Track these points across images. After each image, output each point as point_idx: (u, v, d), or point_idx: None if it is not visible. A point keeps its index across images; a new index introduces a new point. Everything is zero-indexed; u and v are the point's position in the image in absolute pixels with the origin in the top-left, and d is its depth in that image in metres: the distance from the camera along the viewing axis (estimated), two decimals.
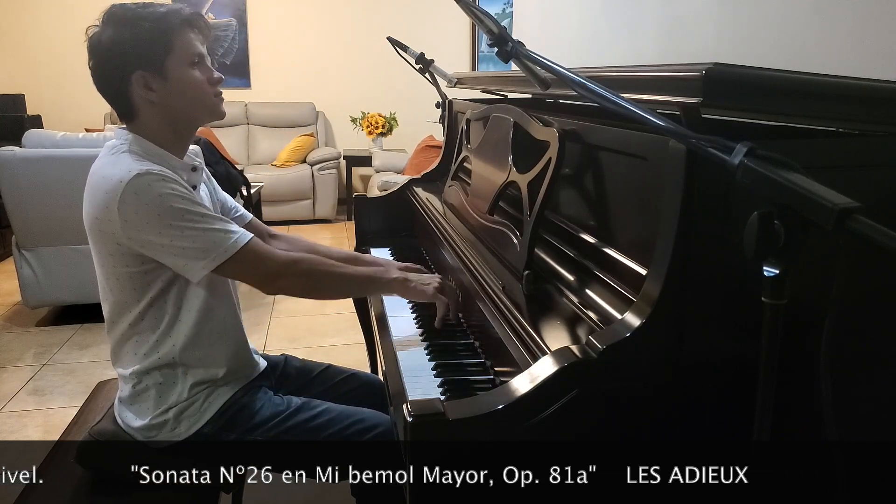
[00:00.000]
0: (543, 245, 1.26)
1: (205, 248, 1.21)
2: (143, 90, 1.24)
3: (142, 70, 1.23)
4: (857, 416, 0.88)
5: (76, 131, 3.54)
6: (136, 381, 1.30)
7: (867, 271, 0.73)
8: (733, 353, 0.86)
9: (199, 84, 1.27)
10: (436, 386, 1.16)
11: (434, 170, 2.32)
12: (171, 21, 1.24)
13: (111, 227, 1.20)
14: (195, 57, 1.27)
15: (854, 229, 0.51)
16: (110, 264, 1.25)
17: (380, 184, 4.63)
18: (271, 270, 1.28)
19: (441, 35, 6.15)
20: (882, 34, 1.39)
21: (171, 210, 1.18)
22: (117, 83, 1.25)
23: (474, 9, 1.03)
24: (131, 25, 1.23)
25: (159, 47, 1.23)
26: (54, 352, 3.21)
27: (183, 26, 1.26)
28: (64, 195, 3.24)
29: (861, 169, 0.93)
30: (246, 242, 1.24)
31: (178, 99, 1.26)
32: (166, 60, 1.24)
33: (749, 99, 0.85)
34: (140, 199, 1.17)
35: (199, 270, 1.22)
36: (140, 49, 1.22)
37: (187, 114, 1.29)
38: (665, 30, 2.25)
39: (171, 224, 1.18)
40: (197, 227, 1.20)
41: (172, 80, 1.25)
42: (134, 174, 1.17)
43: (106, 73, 1.25)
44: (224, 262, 1.22)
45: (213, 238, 1.21)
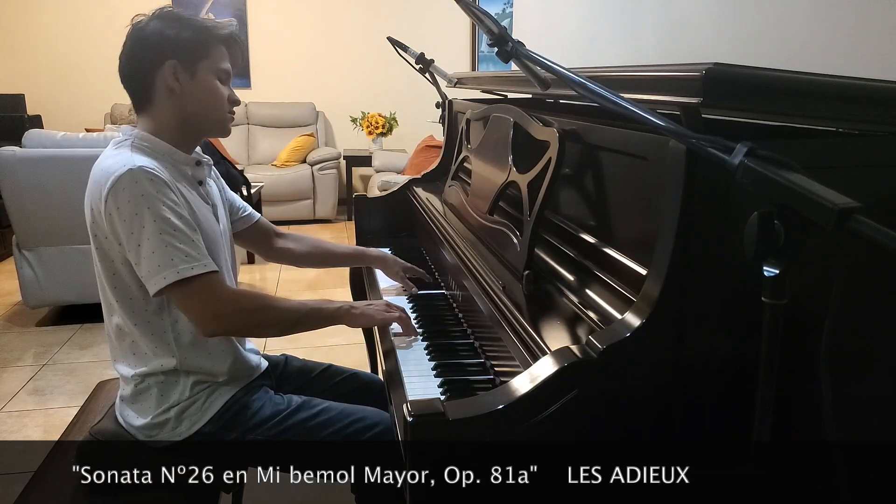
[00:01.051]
0: (543, 245, 1.26)
1: (160, 263, 1.17)
2: (171, 78, 1.27)
3: (176, 60, 1.26)
4: (857, 416, 0.88)
5: (76, 131, 3.54)
6: (138, 381, 1.30)
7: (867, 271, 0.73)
8: (733, 353, 0.86)
9: (220, 96, 1.32)
10: (436, 386, 1.16)
11: (434, 170, 2.32)
12: (214, 32, 1.31)
13: (100, 217, 1.20)
14: (223, 73, 1.33)
15: (854, 229, 0.51)
16: (109, 259, 1.25)
17: (380, 184, 4.63)
18: (216, 308, 1.22)
19: (441, 35, 6.15)
20: (882, 34, 1.39)
21: (148, 213, 1.17)
22: (148, 66, 1.27)
23: (474, 9, 1.03)
24: (178, 23, 1.28)
25: (198, 49, 1.28)
26: (54, 352, 3.21)
27: (223, 41, 1.33)
28: (64, 195, 3.24)
29: (861, 169, 0.93)
30: (204, 273, 1.19)
31: (197, 101, 1.30)
32: (200, 63, 1.29)
33: (749, 99, 0.85)
34: (124, 194, 1.17)
35: (153, 285, 1.18)
36: (180, 44, 1.27)
37: (199, 118, 1.32)
38: (665, 30, 2.25)
39: (144, 227, 1.17)
40: (162, 237, 1.17)
41: (198, 82, 1.29)
42: (127, 168, 1.18)
43: (139, 55, 1.28)
44: (174, 282, 1.17)
45: (171, 255, 1.17)
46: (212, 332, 1.26)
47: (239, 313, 1.26)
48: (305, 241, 1.69)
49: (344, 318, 1.35)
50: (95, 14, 6.15)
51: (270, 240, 1.67)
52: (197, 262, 1.19)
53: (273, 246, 1.67)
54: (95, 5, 6.14)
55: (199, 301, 1.21)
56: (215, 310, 1.22)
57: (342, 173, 6.38)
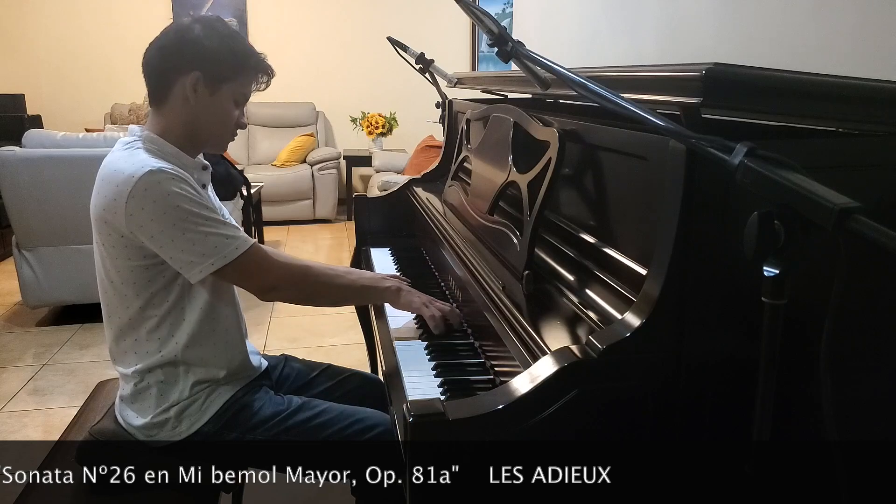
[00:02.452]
0: (543, 245, 1.26)
1: (204, 252, 1.21)
2: (190, 88, 1.27)
3: (201, 73, 1.27)
4: (857, 416, 0.88)
5: (76, 131, 3.54)
6: (137, 380, 1.30)
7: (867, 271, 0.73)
8: (733, 353, 0.86)
9: (230, 119, 1.34)
10: (436, 386, 1.16)
11: (434, 170, 2.32)
12: (251, 60, 1.33)
13: (116, 218, 1.21)
14: (243, 98, 1.35)
15: (854, 229, 0.51)
16: (113, 256, 1.25)
17: (380, 184, 4.63)
18: (269, 279, 1.30)
19: (441, 35, 6.15)
20: (882, 34, 1.39)
21: (178, 210, 1.19)
22: (172, 68, 1.28)
23: (474, 9, 1.03)
24: (220, 38, 1.29)
25: (228, 71, 1.30)
26: (54, 352, 3.21)
27: (255, 71, 1.35)
28: (64, 195, 3.24)
29: (861, 169, 0.93)
30: (247, 249, 1.25)
31: (207, 116, 1.31)
32: (224, 83, 1.30)
33: (749, 99, 0.85)
34: (148, 196, 1.18)
35: (198, 273, 1.23)
36: (212, 59, 1.28)
37: (203, 131, 1.33)
38: (665, 30, 2.25)
39: (176, 224, 1.19)
40: (200, 229, 1.21)
41: (214, 101, 1.30)
42: (147, 170, 1.19)
43: (169, 54, 1.28)
44: (222, 266, 1.23)
45: (214, 242, 1.22)
46: (272, 299, 1.34)
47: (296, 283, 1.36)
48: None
49: (389, 298, 1.44)
50: (95, 14, 6.15)
51: None
52: (238, 241, 1.25)
53: None
54: (95, 5, 6.15)
55: (252, 274, 1.28)
56: (273, 279, 1.31)
57: (342, 173, 6.38)
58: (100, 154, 1.31)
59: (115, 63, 6.20)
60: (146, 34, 1.36)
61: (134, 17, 6.18)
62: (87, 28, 6.15)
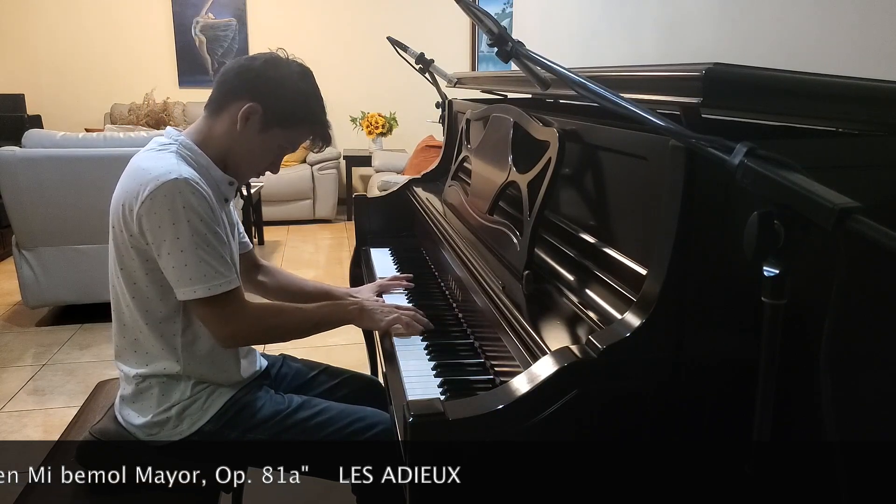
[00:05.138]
0: (543, 245, 1.26)
1: (192, 277, 1.20)
2: (243, 115, 1.28)
3: (261, 107, 1.28)
4: (857, 416, 0.88)
5: (76, 131, 3.53)
6: (139, 381, 1.30)
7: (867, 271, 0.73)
8: (733, 353, 0.86)
9: (264, 160, 1.36)
10: (436, 386, 1.16)
11: (434, 170, 2.32)
12: (316, 123, 1.36)
13: (130, 216, 1.21)
14: (290, 148, 1.36)
15: (854, 229, 0.51)
16: (121, 254, 1.26)
17: (380, 184, 4.63)
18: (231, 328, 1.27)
19: (441, 35, 6.15)
20: (882, 34, 1.39)
21: (186, 226, 1.19)
22: (241, 90, 1.29)
23: (474, 9, 1.03)
24: (298, 89, 1.31)
25: (288, 118, 1.31)
26: (54, 352, 3.20)
27: (311, 130, 1.36)
28: (64, 195, 3.24)
29: (861, 169, 0.93)
30: (230, 289, 1.24)
31: (245, 149, 1.32)
32: (276, 128, 1.31)
33: (749, 99, 0.85)
34: (165, 202, 1.18)
35: (182, 294, 1.22)
36: (282, 103, 1.29)
37: (235, 160, 1.34)
38: (665, 30, 2.25)
39: (178, 238, 1.19)
40: (197, 252, 1.20)
41: (260, 138, 1.31)
42: (173, 177, 1.19)
43: (246, 76, 1.30)
44: (204, 297, 1.21)
45: (204, 271, 1.21)
46: (231, 346, 1.32)
47: (258, 329, 1.33)
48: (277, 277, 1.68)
49: (353, 320, 1.42)
50: (95, 14, 6.15)
51: (250, 272, 1.64)
52: (225, 279, 1.23)
53: (252, 279, 1.65)
54: (95, 5, 6.14)
55: (223, 317, 1.25)
56: (237, 326, 1.27)
57: (342, 173, 6.38)
58: (100, 154, 1.32)
59: (115, 63, 6.20)
60: (146, 34, 1.37)
61: (134, 17, 6.18)
62: (87, 28, 6.15)
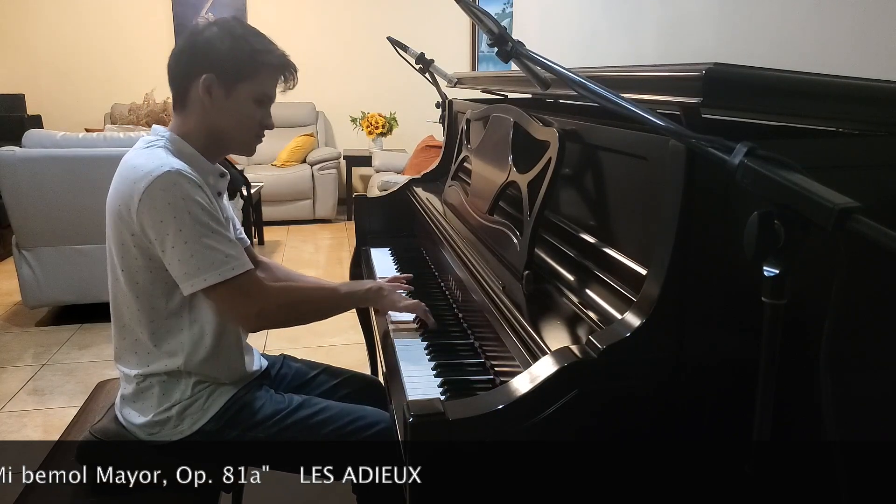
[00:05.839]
0: (543, 245, 1.26)
1: (200, 266, 1.19)
2: (203, 92, 1.26)
3: (213, 75, 1.25)
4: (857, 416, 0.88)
5: (76, 131, 3.53)
6: (140, 380, 1.30)
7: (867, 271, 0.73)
8: (733, 352, 0.86)
9: (251, 119, 1.31)
10: (436, 386, 1.16)
11: (434, 170, 2.32)
12: (268, 58, 1.29)
13: (129, 215, 1.20)
14: (265, 97, 1.32)
15: (854, 229, 0.51)
16: (121, 255, 1.25)
17: (380, 184, 4.63)
18: (257, 306, 1.26)
19: (441, 35, 6.15)
20: (882, 34, 1.39)
21: (188, 216, 1.18)
22: (186, 72, 1.27)
23: (474, 9, 1.03)
24: (233, 39, 1.27)
25: (243, 69, 1.27)
26: (54, 352, 3.20)
27: (276, 69, 1.31)
28: (64, 195, 3.24)
29: (861, 169, 0.93)
30: (243, 272, 1.22)
31: (226, 119, 1.29)
32: (240, 83, 1.27)
33: (749, 99, 0.85)
34: (163, 196, 1.17)
35: (189, 286, 1.21)
36: (225, 60, 1.25)
37: (225, 135, 1.31)
38: (665, 30, 2.25)
39: (181, 230, 1.18)
40: (203, 241, 1.19)
41: (232, 101, 1.28)
42: (165, 170, 1.18)
43: (183, 58, 1.28)
44: (216, 284, 1.20)
45: (212, 258, 1.19)
46: (257, 328, 1.32)
47: (282, 308, 1.31)
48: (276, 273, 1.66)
49: (371, 300, 1.45)
50: (95, 14, 6.15)
51: None
52: (237, 262, 1.22)
53: None
54: (95, 5, 6.14)
55: (242, 299, 1.24)
56: (260, 307, 1.26)
57: (342, 173, 6.38)
58: (100, 154, 1.32)
59: (115, 63, 6.20)
60: (146, 34, 1.37)
61: (134, 17, 6.18)
62: (87, 28, 6.15)
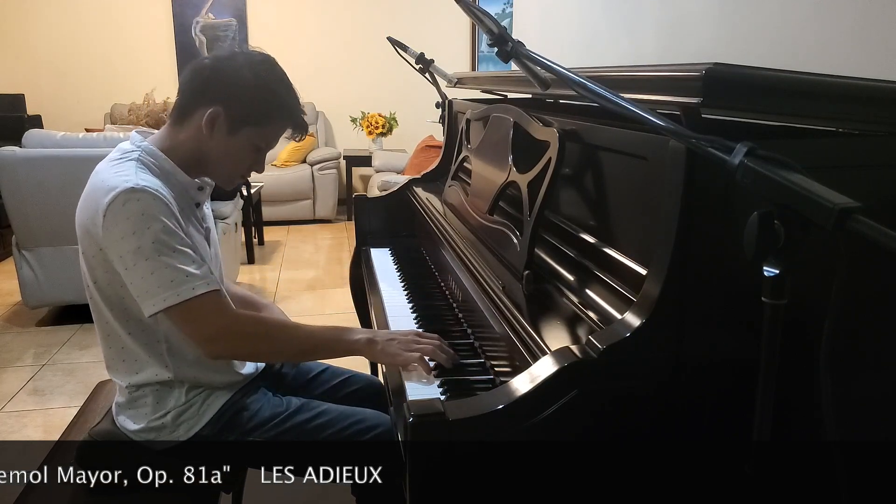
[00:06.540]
0: (543, 245, 1.26)
1: (160, 285, 1.13)
2: (207, 122, 1.22)
3: (223, 110, 1.22)
4: (857, 416, 0.88)
5: (76, 131, 3.54)
6: (133, 390, 1.28)
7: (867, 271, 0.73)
8: (733, 353, 0.86)
9: (243, 163, 1.29)
10: (436, 386, 1.16)
11: (434, 170, 2.32)
12: (286, 113, 1.27)
13: (95, 230, 1.17)
14: (265, 146, 1.29)
15: (854, 229, 0.51)
16: (92, 267, 1.22)
17: (380, 184, 4.63)
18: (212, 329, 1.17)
19: (441, 35, 6.15)
20: (882, 34, 1.39)
21: (148, 233, 1.13)
22: (199, 95, 1.24)
23: (474, 9, 1.03)
24: (258, 80, 1.23)
25: (255, 114, 1.24)
26: (54, 352, 3.20)
27: (287, 125, 1.29)
28: (64, 195, 3.22)
29: (861, 169, 0.93)
30: (204, 292, 1.15)
31: (219, 153, 1.26)
32: (246, 128, 1.24)
33: (749, 99, 0.85)
34: (124, 212, 1.13)
35: (151, 307, 1.14)
36: (242, 98, 1.22)
37: (211, 165, 1.29)
38: (665, 30, 2.25)
39: (140, 248, 1.13)
40: (162, 259, 1.13)
41: (231, 139, 1.24)
42: (129, 186, 1.14)
43: (200, 80, 1.24)
44: (174, 305, 1.13)
45: (171, 276, 1.13)
46: (215, 355, 1.23)
47: (242, 338, 1.22)
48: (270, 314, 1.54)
49: (363, 352, 1.25)
50: (95, 14, 6.15)
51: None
52: (199, 281, 1.15)
53: None
54: (95, 5, 6.14)
55: (199, 321, 1.16)
56: (217, 330, 1.18)
57: (342, 173, 6.38)
58: (100, 154, 1.30)
59: (115, 63, 6.20)
60: (146, 34, 1.36)
61: (134, 17, 6.18)
62: (87, 28, 6.15)
